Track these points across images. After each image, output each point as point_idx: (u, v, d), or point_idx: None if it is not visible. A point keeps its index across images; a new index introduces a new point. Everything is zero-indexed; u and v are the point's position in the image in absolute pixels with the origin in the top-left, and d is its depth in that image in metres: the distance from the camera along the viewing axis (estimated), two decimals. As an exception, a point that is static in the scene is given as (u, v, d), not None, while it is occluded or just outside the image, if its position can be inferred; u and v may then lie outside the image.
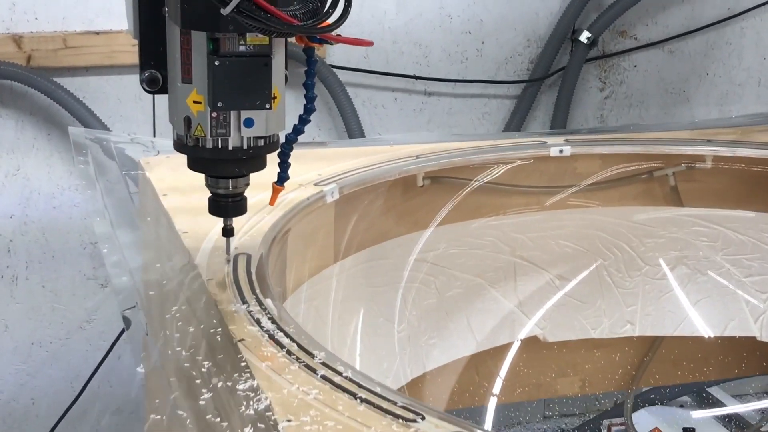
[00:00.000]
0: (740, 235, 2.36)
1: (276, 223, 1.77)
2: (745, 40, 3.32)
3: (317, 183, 1.98)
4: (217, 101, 1.35)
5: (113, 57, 2.66)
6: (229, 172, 1.47)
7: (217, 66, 1.33)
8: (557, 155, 2.29)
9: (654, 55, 3.21)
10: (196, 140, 1.41)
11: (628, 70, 3.20)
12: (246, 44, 1.34)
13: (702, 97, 3.31)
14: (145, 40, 1.44)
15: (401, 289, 2.19)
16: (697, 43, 3.26)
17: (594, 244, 2.37)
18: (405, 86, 2.98)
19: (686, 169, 2.37)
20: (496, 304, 2.32)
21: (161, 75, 1.44)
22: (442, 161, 2.18)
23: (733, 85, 3.34)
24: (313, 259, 1.97)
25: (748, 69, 3.34)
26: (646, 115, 3.26)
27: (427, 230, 2.24)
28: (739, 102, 3.34)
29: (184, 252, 1.64)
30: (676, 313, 2.38)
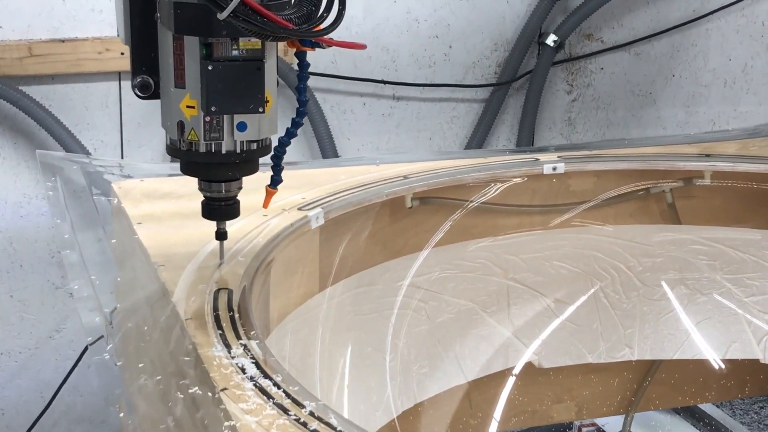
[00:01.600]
0: (741, 253, 2.27)
1: (259, 253, 1.66)
2: (711, 42, 3.33)
3: (301, 207, 1.87)
4: (210, 105, 1.36)
5: (79, 65, 2.62)
6: (223, 175, 1.47)
7: (210, 71, 1.34)
8: (550, 173, 2.19)
9: (620, 57, 3.22)
10: (189, 145, 1.42)
11: (594, 73, 3.20)
12: (239, 49, 1.35)
13: (668, 99, 3.32)
14: (137, 46, 1.44)
15: (391, 317, 2.08)
16: (662, 45, 3.26)
17: (589, 264, 2.28)
18: (373, 91, 2.97)
19: (684, 185, 2.28)
20: (489, 330, 2.21)
21: (153, 80, 1.44)
22: (432, 181, 2.08)
23: (699, 86, 3.35)
24: (298, 288, 1.86)
25: (713, 70, 3.35)
26: (614, 117, 3.27)
27: (416, 254, 2.13)
28: (705, 103, 3.36)
29: (160, 287, 1.53)
30: (676, 336, 2.29)
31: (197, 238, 1.71)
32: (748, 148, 2.38)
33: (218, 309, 1.45)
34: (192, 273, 1.57)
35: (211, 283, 1.54)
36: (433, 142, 3.09)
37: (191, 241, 1.69)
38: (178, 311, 1.43)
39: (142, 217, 1.80)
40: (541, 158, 2.23)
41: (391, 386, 2.05)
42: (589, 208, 2.28)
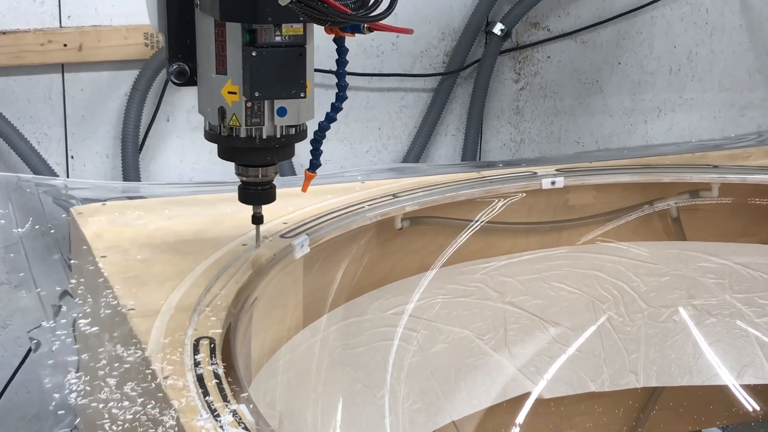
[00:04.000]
0: (751, 270, 2.12)
1: (241, 292, 1.47)
2: (656, 29, 3.36)
3: (284, 234, 1.68)
4: (254, 91, 1.38)
5: (21, 57, 2.49)
6: (262, 160, 1.50)
7: (254, 57, 1.37)
8: (549, 187, 2.03)
9: (567, 45, 3.22)
10: (230, 130, 1.45)
11: (542, 62, 3.20)
12: (282, 35, 1.38)
13: (615, 87, 3.34)
14: (173, 34, 1.46)
15: (381, 350, 1.90)
16: (608, 33, 3.28)
17: (591, 285, 2.11)
18: (321, 81, 2.80)
19: (690, 198, 2.12)
20: (486, 359, 2.04)
21: (189, 67, 1.47)
22: (423, 200, 1.90)
23: (645, 73, 3.38)
24: (281, 324, 1.67)
25: (659, 58, 3.38)
26: (561, 105, 3.28)
27: (406, 279, 1.95)
28: (651, 90, 3.39)
29: (131, 337, 1.33)
30: (684, 360, 2.13)
31: (171, 272, 1.52)
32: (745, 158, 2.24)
33: (200, 364, 1.26)
34: (167, 316, 1.38)
35: (190, 329, 1.35)
36: (382, 132, 3.04)
37: (165, 276, 1.50)
38: (154, 368, 1.24)
39: (106, 248, 1.61)
40: (539, 172, 2.06)
41: (382, 426, 1.87)
42: (589, 225, 2.12)
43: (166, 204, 1.81)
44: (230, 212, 1.77)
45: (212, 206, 1.80)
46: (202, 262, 1.55)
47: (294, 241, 1.66)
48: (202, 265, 1.54)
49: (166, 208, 1.78)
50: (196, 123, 3.01)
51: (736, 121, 3.65)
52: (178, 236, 1.66)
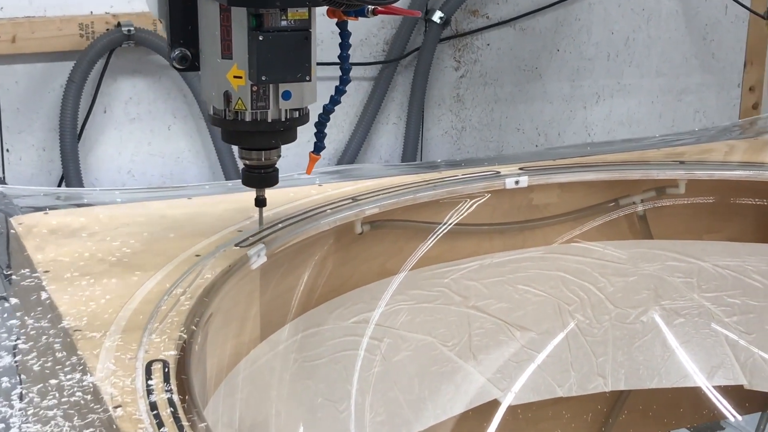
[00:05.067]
0: (720, 268, 2.07)
1: (195, 307, 1.38)
2: (593, 16, 3.41)
3: (239, 243, 1.59)
4: (261, 75, 1.40)
5: None
6: (267, 143, 1.52)
7: (261, 41, 1.39)
8: (513, 187, 1.96)
9: (506, 33, 3.27)
10: (235, 114, 1.46)
11: (481, 49, 3.24)
12: (287, 19, 1.40)
13: (554, 73, 3.39)
14: (175, 19, 1.48)
15: (342, 360, 1.82)
16: (547, 20, 3.34)
17: (557, 287, 2.05)
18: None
19: (656, 195, 2.06)
20: (450, 366, 1.97)
21: (190, 53, 1.48)
22: (384, 203, 1.82)
23: (584, 60, 3.44)
24: (237, 338, 1.58)
25: (597, 44, 3.45)
26: (501, 93, 3.32)
27: (367, 286, 1.87)
28: (589, 77, 3.46)
29: (77, 362, 1.23)
30: (652, 362, 2.08)
31: (119, 288, 1.42)
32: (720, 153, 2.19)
33: (153, 390, 1.16)
34: (116, 337, 1.28)
35: (141, 351, 1.25)
36: None
37: (113, 293, 1.40)
38: (103, 397, 1.14)
39: (50, 262, 1.50)
40: (502, 171, 1.99)
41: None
42: (554, 225, 2.05)
43: (112, 213, 1.71)
44: (182, 220, 1.67)
45: (162, 214, 1.70)
46: (153, 275, 1.46)
47: (250, 250, 1.56)
48: (153, 279, 1.45)
49: (113, 217, 1.68)
50: (134, 114, 2.92)
51: (673, 106, 3.70)
52: (127, 248, 1.56)
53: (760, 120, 2.55)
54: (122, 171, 2.94)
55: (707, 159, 2.12)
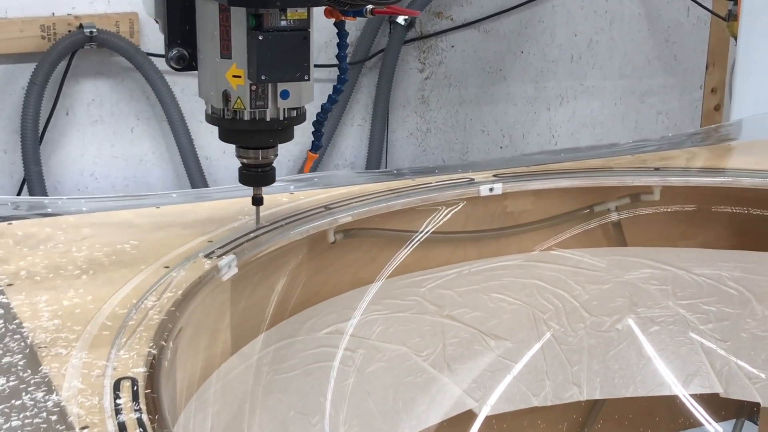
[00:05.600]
0: (695, 275, 2.06)
1: (165, 321, 1.33)
2: (557, 18, 3.45)
3: (209, 254, 1.54)
4: (261, 74, 1.42)
5: None
6: (265, 142, 1.54)
7: (261, 41, 1.41)
8: (488, 194, 1.93)
9: (470, 35, 3.29)
10: (234, 113, 1.49)
11: (446, 51, 3.26)
12: (287, 19, 1.42)
13: (518, 75, 3.42)
14: (172, 19, 1.49)
15: (315, 372, 1.78)
16: (510, 22, 3.37)
17: (531, 295, 2.02)
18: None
19: (631, 202, 2.04)
20: (424, 377, 1.94)
21: (187, 52, 1.50)
22: (357, 211, 1.78)
23: (547, 62, 3.48)
24: (207, 350, 1.54)
25: (560, 46, 3.49)
26: (466, 94, 3.34)
27: (340, 296, 1.83)
28: (553, 78, 3.49)
29: (41, 380, 1.19)
30: (628, 371, 2.06)
31: (86, 301, 1.37)
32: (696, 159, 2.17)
33: (122, 410, 1.12)
34: (83, 354, 1.24)
35: (109, 368, 1.21)
36: None
37: (79, 307, 1.35)
38: (69, 417, 1.10)
39: (12, 275, 1.45)
40: (476, 178, 1.96)
41: (318, 453, 1.76)
42: (528, 232, 2.03)
43: (79, 222, 1.66)
44: (150, 231, 1.63)
45: (129, 224, 1.66)
46: (121, 288, 1.41)
47: (220, 261, 1.52)
48: (121, 292, 1.40)
49: (80, 228, 1.63)
50: (96, 116, 2.89)
51: (636, 108, 3.72)
52: (94, 260, 1.51)
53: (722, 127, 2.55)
54: (85, 173, 2.90)
55: (680, 165, 2.10)
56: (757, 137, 2.36)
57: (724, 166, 2.06)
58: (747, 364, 2.02)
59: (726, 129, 2.49)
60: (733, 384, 2.03)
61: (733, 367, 2.03)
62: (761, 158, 2.10)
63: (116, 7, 2.83)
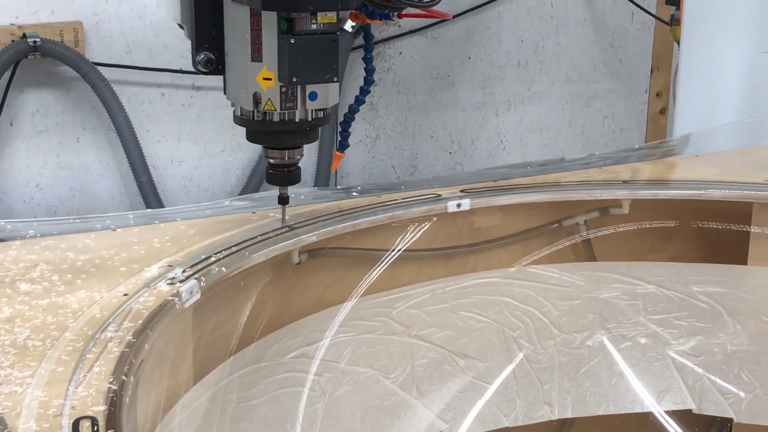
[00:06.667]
0: (665, 290, 2.03)
1: (124, 356, 1.26)
2: (503, 24, 3.46)
3: (170, 280, 1.48)
4: (292, 77, 1.46)
5: None
6: (293, 143, 1.59)
7: (293, 44, 1.45)
8: (455, 210, 1.88)
9: (418, 41, 3.29)
10: (264, 114, 1.54)
11: (394, 57, 3.25)
12: (317, 23, 1.46)
13: (466, 81, 3.41)
14: (199, 24, 1.54)
15: (281, 398, 1.72)
16: (458, 29, 3.36)
17: (501, 312, 1.98)
18: (171, 81, 2.94)
19: (600, 216, 2.01)
20: (393, 399, 1.88)
21: (215, 56, 1.55)
22: (323, 230, 1.73)
23: (494, 67, 3.49)
24: (173, 381, 1.47)
25: (507, 51, 3.50)
26: (414, 101, 3.33)
27: (305, 318, 1.78)
28: (501, 84, 3.49)
29: (-5, 421, 1.12)
30: (599, 388, 2.02)
31: (40, 334, 1.30)
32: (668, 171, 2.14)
33: (82, 453, 1.05)
34: (39, 392, 1.16)
35: (67, 407, 1.14)
36: (236, 131, 3.12)
37: (33, 340, 1.28)
38: (26, 463, 1.03)
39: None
40: (443, 194, 1.91)
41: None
42: (496, 249, 1.98)
43: (30, 248, 1.58)
44: (106, 253, 1.55)
45: (85, 248, 1.58)
46: (77, 319, 1.34)
47: (182, 287, 1.46)
48: (77, 323, 1.33)
49: (32, 254, 1.55)
50: (41, 127, 2.81)
51: (583, 112, 3.73)
52: (46, 288, 1.44)
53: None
54: (30, 184, 2.83)
55: (654, 178, 2.08)
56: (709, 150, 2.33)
57: (691, 177, 2.03)
58: (719, 379, 1.99)
59: (671, 144, 2.46)
60: (705, 400, 1.99)
61: (706, 383, 2.00)
62: (727, 170, 2.08)
63: (60, 17, 2.76)
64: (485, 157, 3.62)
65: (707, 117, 2.76)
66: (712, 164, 2.16)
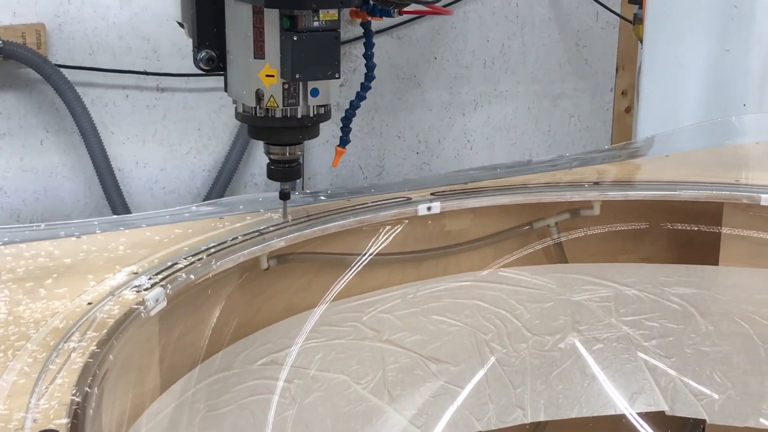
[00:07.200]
0: (636, 291, 2.02)
1: (87, 366, 1.23)
2: (469, 24, 3.44)
3: (136, 288, 1.45)
4: (295, 73, 1.50)
5: None
6: (295, 138, 1.63)
7: (295, 41, 1.49)
8: (425, 213, 1.86)
9: (384, 41, 3.27)
10: (266, 111, 1.57)
11: (360, 58, 3.18)
12: (319, 20, 1.50)
13: (432, 81, 3.40)
14: (201, 22, 1.57)
15: (250, 406, 1.69)
16: (423, 29, 3.34)
17: (472, 316, 1.96)
18: (136, 83, 2.92)
19: (571, 218, 2.00)
20: (364, 405, 1.86)
21: (215, 54, 1.58)
22: (292, 235, 1.70)
23: (461, 67, 3.47)
24: (139, 390, 1.44)
25: (473, 51, 3.48)
26: (381, 101, 3.32)
27: (274, 325, 1.75)
28: (467, 84, 3.48)
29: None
30: (572, 391, 2.00)
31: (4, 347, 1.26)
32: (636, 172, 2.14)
33: (44, 470, 1.02)
34: (0, 404, 1.13)
35: (28, 420, 1.11)
36: (202, 133, 3.03)
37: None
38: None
39: None
40: (413, 197, 1.89)
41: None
42: (467, 251, 1.96)
43: (-10, 256, 1.54)
44: (70, 263, 1.52)
45: (48, 256, 1.55)
46: (39, 329, 1.31)
47: (148, 294, 1.42)
48: (39, 333, 1.30)
49: (-9, 262, 1.51)
50: (4, 130, 2.77)
51: (549, 111, 3.74)
52: (7, 297, 1.40)
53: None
54: (-8, 188, 2.79)
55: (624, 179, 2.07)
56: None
57: (662, 178, 2.02)
58: (692, 380, 1.99)
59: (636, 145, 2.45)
60: (678, 401, 1.99)
61: (678, 384, 1.99)
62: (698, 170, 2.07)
63: (22, 19, 2.72)
64: (453, 156, 3.61)
65: (670, 114, 2.77)
66: (682, 164, 2.15)
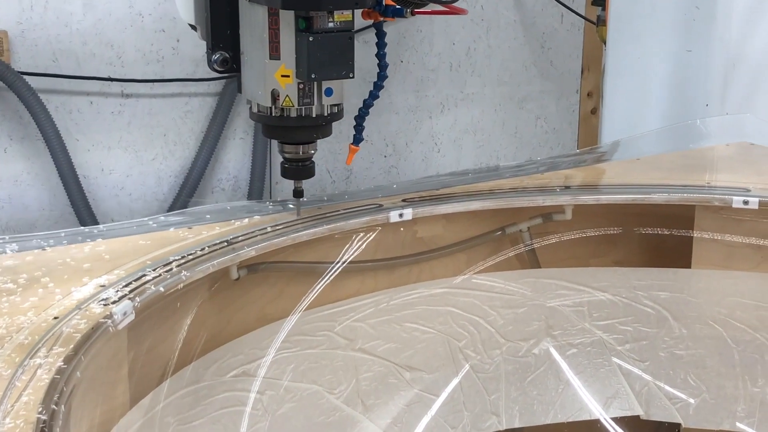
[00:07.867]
0: (610, 295, 2.01)
1: (54, 383, 1.20)
2: (435, 27, 3.44)
3: (103, 301, 1.42)
4: (311, 73, 1.54)
5: None
6: (310, 137, 1.66)
7: (311, 42, 1.52)
8: (397, 220, 1.85)
9: None
10: (281, 110, 1.60)
11: None
12: (334, 21, 1.53)
13: (399, 84, 3.40)
14: (216, 25, 1.59)
15: (222, 419, 1.66)
16: (389, 33, 3.46)
17: (446, 323, 1.95)
18: (100, 89, 2.90)
19: (543, 222, 1.99)
20: (338, 415, 1.83)
21: (229, 56, 1.61)
22: (262, 244, 1.68)
23: (427, 71, 3.48)
24: (103, 405, 1.41)
25: (439, 55, 3.48)
26: (348, 105, 3.30)
27: (245, 336, 1.72)
28: (433, 87, 3.48)
29: None
30: (547, 396, 1.99)
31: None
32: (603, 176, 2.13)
33: (10, 492, 0.99)
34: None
35: (-8, 442, 1.08)
36: (168, 138, 3.02)
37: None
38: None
39: None
40: (385, 204, 1.87)
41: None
42: (440, 258, 1.95)
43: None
44: (36, 276, 1.49)
45: (12, 269, 1.51)
46: (4, 345, 1.27)
47: (115, 307, 1.40)
48: (5, 349, 1.27)
49: (-46, 276, 1.48)
50: None
51: (515, 114, 3.74)
52: (-29, 311, 1.37)
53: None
54: (-37, 194, 2.76)
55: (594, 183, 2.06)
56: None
57: (633, 182, 2.02)
58: (666, 384, 1.98)
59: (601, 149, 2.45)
60: (653, 405, 1.98)
61: (653, 388, 1.99)
62: (668, 173, 2.07)
63: (-16, 26, 2.70)
64: (420, 159, 3.60)
65: (635, 115, 2.77)
66: (653, 168, 2.15)
